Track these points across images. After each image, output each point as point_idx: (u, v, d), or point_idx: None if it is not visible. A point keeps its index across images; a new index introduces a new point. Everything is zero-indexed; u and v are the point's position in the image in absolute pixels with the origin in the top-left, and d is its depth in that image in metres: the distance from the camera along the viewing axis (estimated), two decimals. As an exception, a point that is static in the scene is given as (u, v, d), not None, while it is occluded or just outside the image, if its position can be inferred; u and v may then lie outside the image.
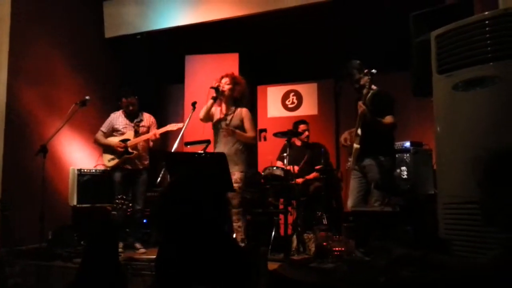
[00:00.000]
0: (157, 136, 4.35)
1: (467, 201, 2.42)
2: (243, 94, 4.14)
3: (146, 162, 4.53)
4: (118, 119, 4.53)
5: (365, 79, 3.59)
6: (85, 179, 4.78)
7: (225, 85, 4.03)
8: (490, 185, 1.50)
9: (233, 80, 4.07)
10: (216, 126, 4.09)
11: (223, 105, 4.13)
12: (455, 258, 2.14)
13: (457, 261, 1.79)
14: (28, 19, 4.93)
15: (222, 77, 4.10)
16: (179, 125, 4.34)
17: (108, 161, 4.43)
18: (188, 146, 4.20)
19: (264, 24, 5.40)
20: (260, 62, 6.23)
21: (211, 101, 4.02)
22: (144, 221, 4.77)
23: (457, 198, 2.53)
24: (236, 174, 3.88)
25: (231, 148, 3.96)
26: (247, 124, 4.05)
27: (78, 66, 5.47)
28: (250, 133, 4.04)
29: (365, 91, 3.52)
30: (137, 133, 4.42)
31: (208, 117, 4.10)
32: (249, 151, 4.14)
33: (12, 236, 4.12)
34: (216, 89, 4.00)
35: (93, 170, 4.82)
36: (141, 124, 4.47)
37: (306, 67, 6.04)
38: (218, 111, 4.12)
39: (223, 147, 3.97)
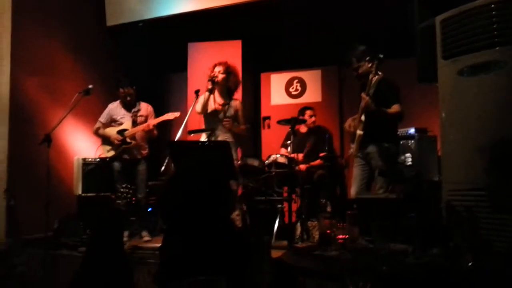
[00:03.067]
0: (151, 127, 4.35)
1: (472, 188, 2.40)
2: (237, 85, 4.20)
3: (145, 152, 4.53)
4: (116, 109, 4.52)
5: (364, 67, 3.55)
6: (90, 169, 4.80)
7: (219, 74, 4.03)
8: (499, 172, 1.48)
9: (227, 69, 4.09)
10: (213, 116, 4.09)
11: (217, 95, 4.11)
12: None
13: None
14: (29, 9, 4.91)
15: (215, 65, 4.10)
16: (176, 114, 4.39)
17: (107, 151, 4.45)
18: (192, 135, 4.20)
19: (267, 10, 5.34)
20: (263, 49, 6.18)
21: (207, 93, 4.01)
22: (149, 209, 4.79)
23: (462, 184, 2.51)
24: None
25: (228, 138, 4.03)
26: (241, 117, 4.17)
27: (80, 55, 5.46)
28: (244, 125, 4.21)
29: (370, 76, 3.45)
30: (134, 123, 4.42)
31: (205, 109, 4.10)
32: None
33: (18, 226, 4.16)
34: (213, 81, 4.00)
35: (98, 160, 4.83)
36: (138, 114, 4.47)
37: (309, 54, 5.98)
38: (211, 101, 4.11)
39: (221, 137, 4.03)
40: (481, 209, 2.32)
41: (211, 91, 4.01)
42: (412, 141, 4.30)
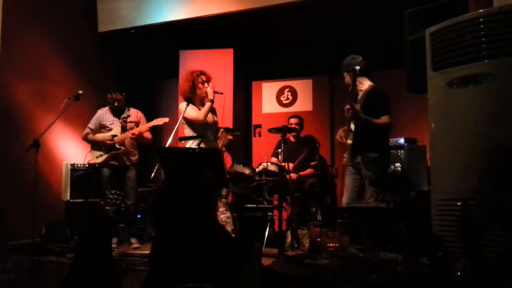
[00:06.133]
0: (136, 133, 4.33)
1: (461, 198, 2.43)
2: None
3: (134, 158, 4.50)
4: (105, 115, 4.50)
5: (346, 78, 3.61)
6: (78, 174, 4.76)
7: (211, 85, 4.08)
8: (494, 181, 1.48)
9: (210, 80, 4.12)
10: (212, 124, 4.11)
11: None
12: None
13: None
14: (20, 13, 4.89)
15: (209, 80, 4.11)
16: (165, 119, 4.38)
17: (96, 157, 4.41)
18: (182, 142, 4.19)
19: (259, 19, 5.39)
20: (255, 57, 6.22)
21: (209, 104, 4.01)
22: (138, 216, 4.75)
23: (451, 194, 2.54)
24: None
25: (219, 144, 4.09)
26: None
27: (71, 60, 5.44)
28: None
29: (350, 88, 3.51)
30: (124, 129, 4.40)
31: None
32: None
33: (5, 231, 4.09)
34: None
35: (86, 165, 4.79)
36: (128, 120, 4.45)
37: (301, 63, 6.03)
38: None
39: (214, 142, 4.07)
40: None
41: (213, 102, 4.04)
42: (402, 151, 4.34)
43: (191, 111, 4.02)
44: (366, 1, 4.87)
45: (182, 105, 4.05)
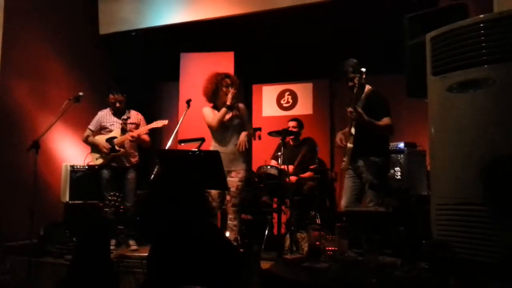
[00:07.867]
0: (135, 135, 4.32)
1: (460, 203, 2.43)
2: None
3: (134, 160, 4.49)
4: (105, 116, 4.50)
5: (357, 79, 3.58)
6: (78, 176, 4.75)
7: (231, 90, 3.93)
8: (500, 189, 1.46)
9: (235, 84, 3.97)
10: (227, 125, 3.96)
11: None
12: None
13: None
14: (22, 14, 4.90)
15: (233, 84, 3.95)
16: (164, 121, 4.36)
17: (96, 159, 4.40)
18: (182, 144, 4.19)
19: (260, 23, 5.40)
20: (256, 61, 6.22)
21: (224, 109, 3.89)
22: (138, 218, 4.74)
23: (450, 199, 2.54)
24: (241, 173, 3.90)
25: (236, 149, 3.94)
26: (247, 120, 4.11)
27: (72, 62, 5.44)
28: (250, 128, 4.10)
29: (355, 90, 3.51)
30: (124, 131, 4.39)
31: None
32: None
33: (3, 232, 4.09)
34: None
35: (86, 167, 4.78)
36: (128, 122, 4.44)
37: (301, 67, 6.04)
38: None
39: (233, 145, 3.93)
40: (469, 223, 2.35)
41: (232, 109, 3.94)
42: (402, 155, 4.34)
43: (209, 114, 3.95)
44: (365, 5, 4.88)
45: (205, 109, 3.98)
